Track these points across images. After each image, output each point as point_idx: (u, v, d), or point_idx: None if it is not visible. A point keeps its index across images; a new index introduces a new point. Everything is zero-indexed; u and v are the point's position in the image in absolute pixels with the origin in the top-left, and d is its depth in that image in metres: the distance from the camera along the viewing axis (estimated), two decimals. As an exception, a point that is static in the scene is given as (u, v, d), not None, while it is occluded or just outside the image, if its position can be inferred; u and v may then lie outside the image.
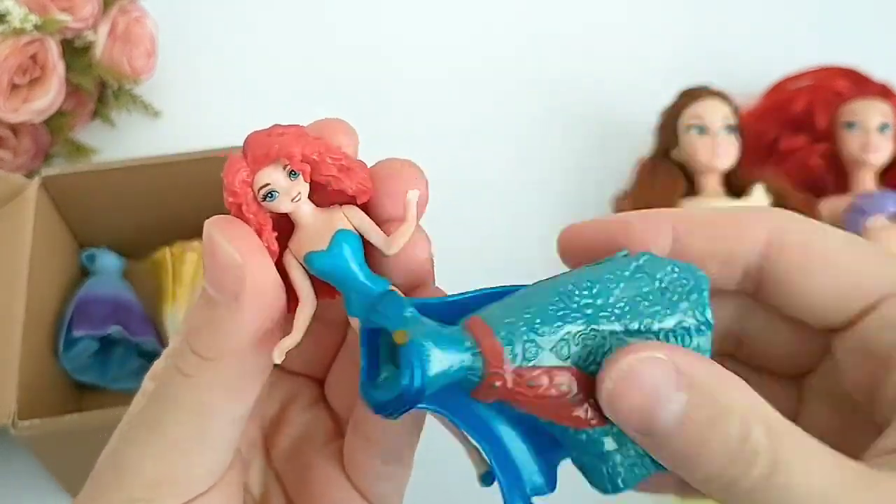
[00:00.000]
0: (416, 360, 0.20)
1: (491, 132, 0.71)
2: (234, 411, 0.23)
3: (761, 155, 0.67)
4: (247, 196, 0.22)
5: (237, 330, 0.22)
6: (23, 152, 0.63)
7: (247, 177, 0.22)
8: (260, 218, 0.22)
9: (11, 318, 0.48)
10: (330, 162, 0.22)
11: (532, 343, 0.21)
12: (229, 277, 0.21)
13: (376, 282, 0.23)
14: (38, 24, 0.60)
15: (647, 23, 0.80)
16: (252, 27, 0.78)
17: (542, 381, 0.21)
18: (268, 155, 0.21)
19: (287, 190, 0.22)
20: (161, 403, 0.23)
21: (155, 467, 0.22)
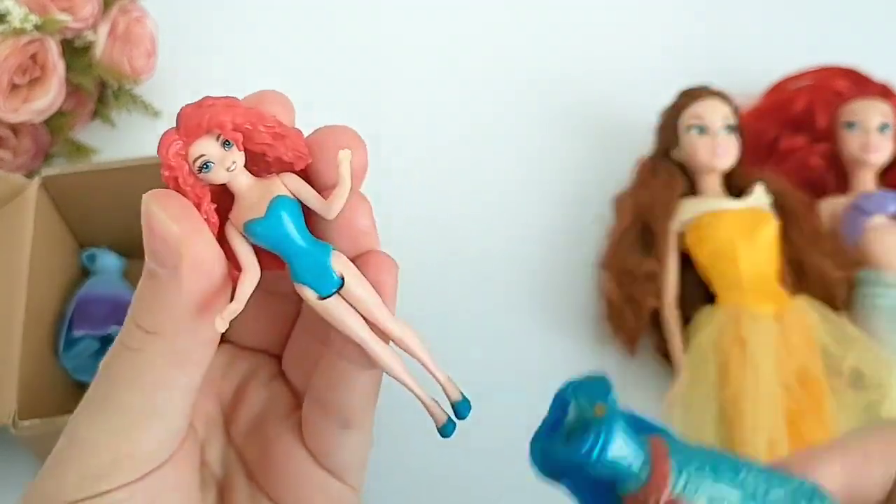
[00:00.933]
0: (605, 433, 0.22)
1: (490, 132, 0.71)
2: (181, 382, 0.23)
3: (761, 155, 0.67)
4: (182, 169, 0.22)
5: (177, 301, 0.22)
6: (23, 152, 0.63)
7: (180, 149, 0.22)
8: (197, 190, 0.22)
9: (11, 318, 0.48)
10: (263, 130, 0.22)
11: (696, 483, 0.22)
12: (168, 249, 0.22)
13: (318, 246, 0.23)
14: (38, 24, 0.60)
15: (647, 23, 0.80)
16: (252, 27, 0.78)
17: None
18: (199, 125, 0.22)
19: (221, 160, 0.22)
20: (110, 380, 0.23)
21: (107, 443, 0.23)
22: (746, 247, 0.57)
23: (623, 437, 0.22)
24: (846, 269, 0.59)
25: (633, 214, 0.61)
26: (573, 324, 0.61)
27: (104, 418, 0.23)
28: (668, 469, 0.22)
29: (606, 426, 0.22)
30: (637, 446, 0.23)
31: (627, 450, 0.22)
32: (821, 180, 0.65)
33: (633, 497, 0.23)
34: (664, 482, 0.22)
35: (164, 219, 0.22)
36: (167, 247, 0.22)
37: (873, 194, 0.61)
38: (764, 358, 0.54)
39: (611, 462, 0.22)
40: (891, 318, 0.57)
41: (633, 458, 0.22)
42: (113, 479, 0.23)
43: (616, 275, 0.60)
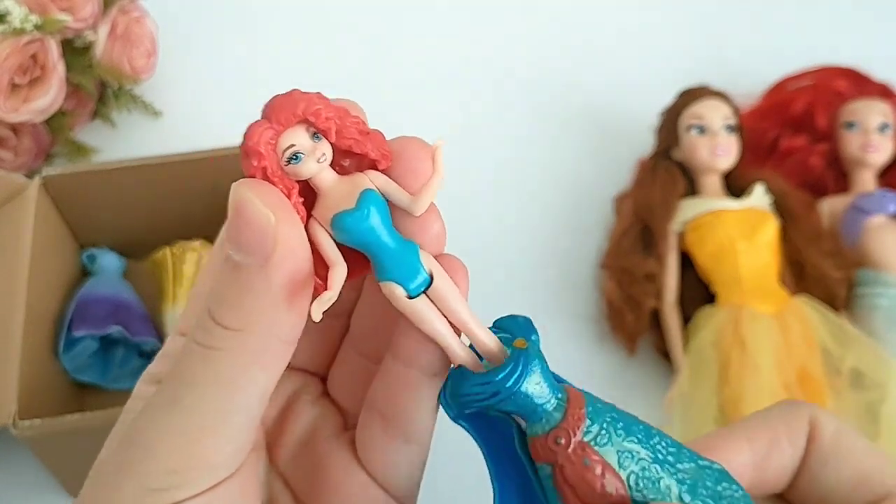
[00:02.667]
0: (522, 366, 0.21)
1: (491, 132, 0.71)
2: (261, 383, 0.22)
3: (761, 155, 0.67)
4: (272, 159, 0.21)
5: (266, 294, 0.21)
6: (23, 152, 0.63)
7: (272, 138, 0.21)
8: (286, 181, 0.21)
9: (11, 318, 0.48)
10: (350, 125, 0.22)
11: (608, 435, 0.22)
12: (260, 237, 0.20)
13: (406, 244, 0.22)
14: (39, 24, 0.60)
15: (647, 23, 0.80)
16: (252, 27, 0.78)
17: (596, 469, 0.21)
18: (294, 114, 0.21)
19: (311, 150, 0.21)
20: (180, 382, 0.21)
21: (172, 451, 0.21)
22: (746, 247, 0.57)
23: (540, 373, 0.22)
24: (846, 269, 0.59)
25: (634, 214, 0.61)
26: (573, 324, 0.61)
27: (174, 420, 0.21)
28: (582, 415, 0.22)
29: (525, 358, 0.22)
30: (554, 388, 0.22)
31: (543, 387, 0.22)
32: (821, 180, 0.65)
33: (540, 440, 0.22)
34: (575, 427, 0.22)
35: (260, 206, 0.20)
36: (261, 236, 0.20)
37: (873, 194, 0.61)
38: (764, 358, 0.54)
39: (525, 395, 0.21)
40: (890, 318, 0.57)
41: (547, 398, 0.22)
42: (178, 489, 0.21)
43: (616, 275, 0.60)
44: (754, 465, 0.25)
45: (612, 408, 0.23)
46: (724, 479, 0.23)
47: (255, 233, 0.20)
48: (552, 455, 0.22)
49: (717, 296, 0.58)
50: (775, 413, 0.25)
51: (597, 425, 0.22)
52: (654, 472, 0.22)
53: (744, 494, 0.23)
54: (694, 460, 0.23)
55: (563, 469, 0.22)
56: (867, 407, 0.54)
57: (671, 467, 0.22)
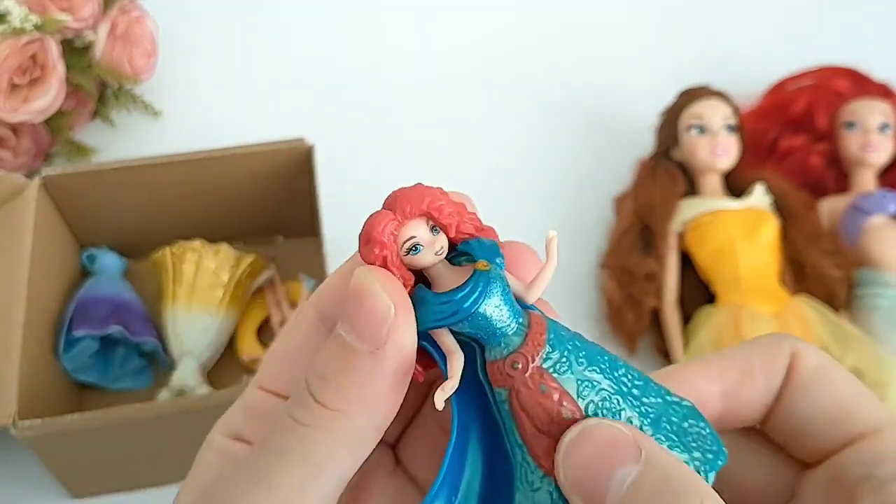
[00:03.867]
0: (482, 286, 0.21)
1: (491, 132, 0.71)
2: (347, 466, 0.22)
3: (761, 155, 0.67)
4: (393, 249, 0.22)
5: (373, 380, 0.21)
6: (23, 152, 0.63)
7: (395, 230, 0.22)
8: (403, 272, 0.22)
9: (11, 318, 0.48)
10: (468, 221, 0.23)
11: (568, 363, 0.22)
12: (378, 326, 0.21)
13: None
14: (38, 24, 0.60)
15: (647, 23, 0.80)
16: (252, 27, 0.78)
17: (553, 395, 0.21)
18: (419, 208, 0.22)
19: (431, 243, 0.22)
20: (270, 455, 0.21)
21: None
22: (746, 247, 0.57)
23: (501, 295, 0.22)
24: (846, 269, 0.59)
25: (634, 214, 0.61)
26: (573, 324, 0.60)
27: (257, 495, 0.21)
28: (542, 341, 0.22)
29: (486, 279, 0.22)
30: (515, 312, 0.22)
31: (503, 311, 0.22)
32: (821, 180, 0.65)
33: (498, 364, 0.22)
34: (534, 352, 0.21)
35: (384, 297, 0.21)
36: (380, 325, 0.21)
37: (873, 194, 0.61)
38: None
39: (483, 317, 0.21)
40: (890, 318, 0.57)
41: (507, 322, 0.22)
42: None
43: (616, 274, 0.60)
44: (724, 395, 0.24)
45: (578, 337, 0.23)
46: (691, 416, 0.23)
47: (374, 321, 0.21)
48: (509, 380, 0.22)
49: (717, 296, 0.58)
50: (755, 345, 0.25)
51: (557, 352, 0.22)
52: (615, 404, 0.22)
53: (711, 432, 0.23)
54: (661, 395, 0.23)
55: (519, 394, 0.22)
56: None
57: (635, 400, 0.22)
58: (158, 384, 0.55)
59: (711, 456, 0.22)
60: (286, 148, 0.56)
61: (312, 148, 0.56)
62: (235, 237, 0.59)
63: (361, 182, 0.61)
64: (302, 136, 0.56)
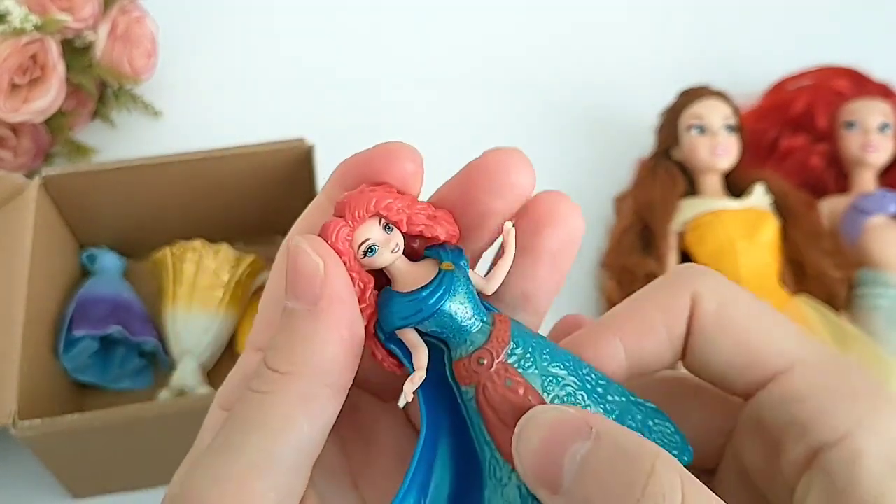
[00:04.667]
0: (447, 286, 0.22)
1: (491, 132, 0.71)
2: (305, 430, 0.22)
3: (761, 155, 0.67)
4: (349, 254, 0.22)
5: (314, 338, 0.22)
6: (23, 152, 0.63)
7: (348, 234, 0.22)
8: (363, 276, 0.22)
9: (11, 318, 0.48)
10: (419, 212, 0.23)
11: (532, 359, 0.22)
12: (310, 283, 0.22)
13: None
14: (39, 24, 0.60)
15: (647, 23, 0.80)
16: (252, 27, 0.78)
17: (518, 389, 0.22)
18: (367, 209, 0.22)
19: (385, 242, 0.23)
20: (231, 426, 0.22)
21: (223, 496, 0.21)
22: (746, 246, 0.57)
23: (466, 295, 0.22)
24: (846, 269, 0.59)
25: (634, 214, 0.61)
26: (573, 324, 0.61)
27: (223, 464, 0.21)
28: (506, 338, 0.22)
29: (450, 278, 0.22)
30: (479, 310, 0.23)
31: (467, 309, 0.22)
32: (821, 180, 0.65)
33: (464, 361, 0.22)
34: (499, 348, 0.22)
35: (312, 254, 0.22)
36: (311, 281, 0.22)
37: (873, 194, 0.61)
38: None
39: (448, 315, 0.22)
40: (890, 318, 0.57)
41: (471, 319, 0.22)
42: None
43: (616, 274, 0.60)
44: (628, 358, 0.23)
45: (541, 337, 0.23)
46: (655, 416, 0.23)
47: (306, 279, 0.22)
48: (475, 376, 0.22)
49: (717, 296, 0.58)
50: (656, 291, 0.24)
51: (521, 348, 0.22)
52: (579, 399, 0.22)
53: (676, 431, 0.23)
54: (625, 395, 0.23)
55: (485, 389, 0.22)
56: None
57: (599, 397, 0.22)
58: (158, 384, 0.55)
59: (676, 453, 0.23)
60: (286, 148, 0.56)
61: (312, 148, 0.56)
62: (235, 237, 0.59)
63: (361, 182, 0.61)
64: (302, 136, 0.56)
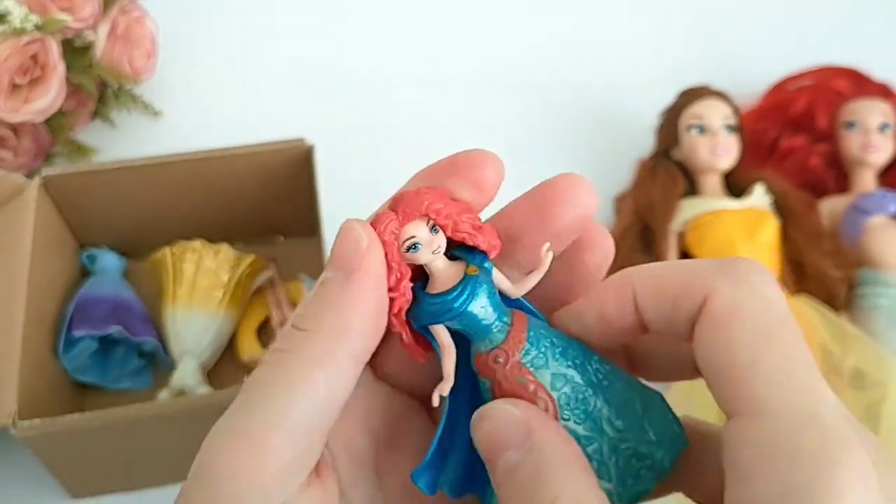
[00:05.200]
0: (470, 289, 0.24)
1: (491, 132, 0.71)
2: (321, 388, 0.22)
3: (761, 155, 0.67)
4: (392, 245, 0.24)
5: (341, 301, 0.23)
6: (23, 152, 0.63)
7: (395, 228, 0.24)
8: (402, 267, 0.24)
9: (11, 318, 0.48)
10: (466, 221, 0.25)
11: (545, 359, 0.24)
12: (350, 256, 0.23)
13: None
14: (39, 24, 0.60)
15: (647, 23, 0.80)
16: (252, 27, 0.78)
17: (529, 387, 0.24)
18: (417, 210, 0.24)
19: (429, 242, 0.24)
20: (252, 384, 0.23)
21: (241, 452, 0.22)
22: (746, 247, 0.57)
23: (488, 297, 0.24)
24: (846, 269, 0.59)
25: (634, 214, 0.61)
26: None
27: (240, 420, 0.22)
28: (522, 339, 0.24)
29: (474, 282, 0.24)
30: (500, 311, 0.25)
31: (489, 309, 0.24)
32: (821, 180, 0.65)
33: (483, 357, 0.24)
34: (514, 349, 0.24)
35: (360, 231, 0.24)
36: (353, 253, 0.23)
37: (873, 194, 0.61)
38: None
39: (471, 315, 0.24)
40: (890, 318, 0.57)
41: (492, 319, 0.24)
42: None
43: (616, 275, 0.59)
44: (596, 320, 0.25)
45: (556, 335, 0.25)
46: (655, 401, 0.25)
47: (348, 252, 0.23)
48: (491, 372, 0.24)
49: (717, 296, 0.58)
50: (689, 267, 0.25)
51: (535, 349, 0.24)
52: (586, 394, 0.24)
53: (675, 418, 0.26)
54: (629, 384, 0.25)
55: (500, 385, 0.24)
56: (867, 407, 0.54)
57: (604, 391, 0.24)
58: (158, 384, 0.55)
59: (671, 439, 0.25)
60: (286, 148, 0.56)
61: (312, 148, 0.56)
62: (235, 237, 0.59)
63: (361, 182, 0.61)
64: (302, 136, 0.56)
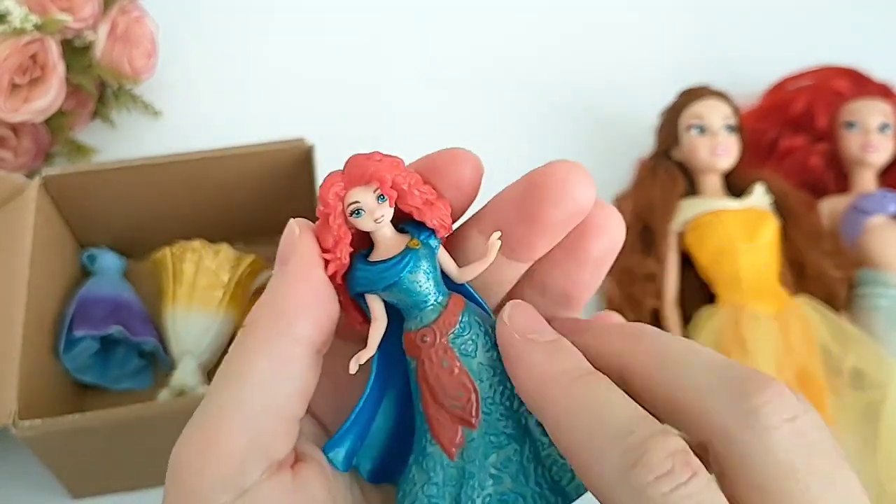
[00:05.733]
0: (406, 262, 0.24)
1: (491, 132, 0.71)
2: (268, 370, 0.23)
3: (761, 155, 0.67)
4: (336, 209, 0.24)
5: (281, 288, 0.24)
6: (23, 152, 0.63)
7: (340, 191, 0.24)
8: (341, 230, 0.24)
9: (11, 318, 0.48)
10: (417, 194, 0.24)
11: (475, 346, 0.24)
12: (287, 246, 0.24)
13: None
14: (39, 24, 0.60)
15: (647, 23, 0.80)
16: (252, 27, 0.78)
17: (453, 371, 0.24)
18: (362, 176, 0.24)
19: (372, 210, 0.24)
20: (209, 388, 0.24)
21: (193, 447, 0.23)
22: (746, 247, 0.57)
23: (425, 273, 0.24)
24: (846, 269, 0.59)
25: (634, 214, 0.61)
26: (573, 324, 0.61)
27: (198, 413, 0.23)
28: (454, 321, 0.24)
29: (413, 255, 0.24)
30: (437, 291, 0.24)
31: (425, 286, 0.24)
32: (821, 180, 0.65)
33: (411, 335, 0.24)
34: (445, 329, 0.24)
35: (294, 224, 0.24)
36: (288, 245, 0.24)
37: (873, 194, 0.61)
38: (764, 358, 0.54)
39: (404, 289, 0.24)
40: (890, 318, 0.57)
41: (426, 297, 0.24)
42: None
43: (616, 274, 0.60)
44: None
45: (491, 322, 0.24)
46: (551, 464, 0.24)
47: (284, 244, 0.24)
48: (417, 351, 0.24)
49: (717, 296, 0.58)
50: None
51: (467, 335, 0.24)
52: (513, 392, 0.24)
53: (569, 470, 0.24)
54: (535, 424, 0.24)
55: (423, 365, 0.24)
56: (867, 407, 0.54)
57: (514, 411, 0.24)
58: (158, 384, 0.55)
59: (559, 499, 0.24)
60: (286, 148, 0.56)
61: (312, 148, 0.56)
62: (235, 237, 0.59)
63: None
64: (302, 136, 0.56)
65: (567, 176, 0.24)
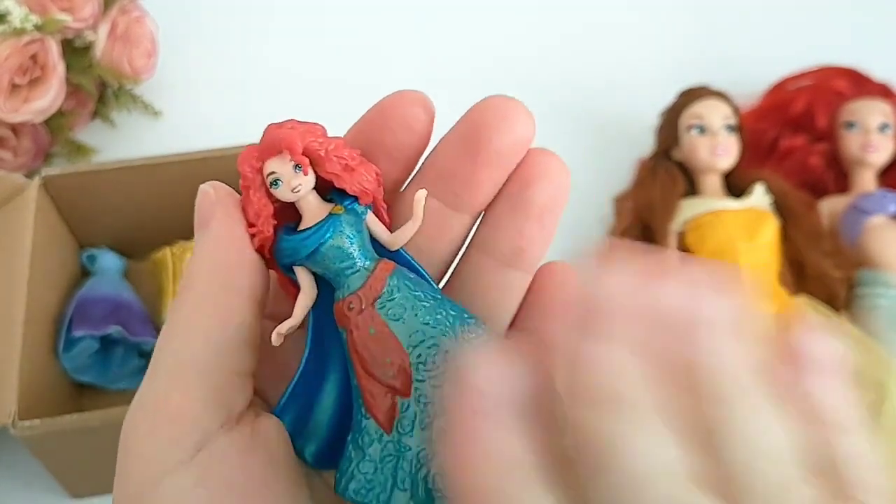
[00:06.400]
0: (326, 229, 0.23)
1: (491, 132, 0.71)
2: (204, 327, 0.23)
3: (761, 155, 0.67)
4: (255, 181, 0.24)
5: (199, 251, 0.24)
6: (23, 152, 0.63)
7: (254, 163, 0.24)
8: (261, 203, 0.24)
9: (11, 318, 0.48)
10: (335, 160, 0.23)
11: (403, 310, 0.23)
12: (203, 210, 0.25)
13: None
14: (39, 24, 0.60)
15: (647, 23, 0.80)
16: (252, 27, 0.78)
17: (381, 338, 0.22)
18: (273, 146, 0.23)
19: (288, 180, 0.23)
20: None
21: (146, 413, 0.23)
22: (746, 247, 0.57)
23: (349, 239, 0.23)
24: (846, 269, 0.59)
25: (634, 214, 0.61)
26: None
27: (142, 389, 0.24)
28: (381, 286, 0.23)
29: (334, 222, 0.23)
30: (365, 257, 0.23)
31: (349, 253, 0.23)
32: (821, 180, 0.65)
33: (339, 304, 0.23)
34: (372, 295, 0.23)
35: (208, 187, 0.25)
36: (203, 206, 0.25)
37: (873, 194, 0.61)
38: (764, 358, 0.54)
39: (325, 255, 0.23)
40: (891, 318, 0.57)
41: (350, 264, 0.23)
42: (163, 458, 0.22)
43: (616, 275, 0.59)
44: None
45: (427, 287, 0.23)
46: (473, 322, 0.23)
47: (201, 208, 0.25)
48: (345, 320, 0.23)
49: (717, 296, 0.58)
50: None
51: (396, 300, 0.23)
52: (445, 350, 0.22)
53: None
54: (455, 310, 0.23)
55: (352, 334, 0.23)
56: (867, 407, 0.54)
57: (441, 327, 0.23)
58: (158, 384, 0.55)
59: None
60: (286, 148, 0.56)
61: (312, 148, 0.56)
62: (235, 237, 0.59)
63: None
64: (302, 136, 0.56)
65: (506, 105, 0.25)
